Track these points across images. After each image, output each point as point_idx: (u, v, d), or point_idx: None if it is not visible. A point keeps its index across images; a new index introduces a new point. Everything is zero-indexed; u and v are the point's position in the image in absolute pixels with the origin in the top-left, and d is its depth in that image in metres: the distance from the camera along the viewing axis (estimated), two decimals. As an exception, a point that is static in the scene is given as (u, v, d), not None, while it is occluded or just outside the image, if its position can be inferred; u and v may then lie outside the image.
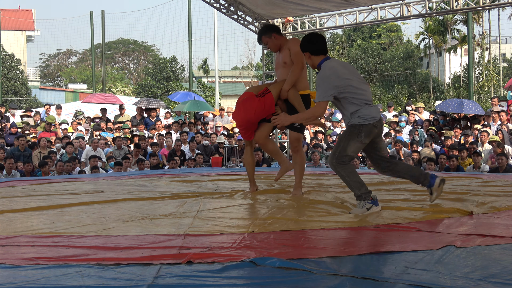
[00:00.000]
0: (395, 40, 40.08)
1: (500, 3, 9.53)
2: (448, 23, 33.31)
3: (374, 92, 32.95)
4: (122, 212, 4.01)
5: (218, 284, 2.13)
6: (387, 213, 3.68)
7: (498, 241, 2.76)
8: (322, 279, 2.16)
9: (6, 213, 4.02)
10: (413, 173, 3.93)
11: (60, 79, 49.43)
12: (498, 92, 27.17)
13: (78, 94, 33.85)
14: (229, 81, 43.19)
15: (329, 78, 3.66)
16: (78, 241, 2.97)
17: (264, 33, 4.90)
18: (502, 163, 8.21)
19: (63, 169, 9.19)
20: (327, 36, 40.21)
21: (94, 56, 21.81)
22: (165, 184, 6.09)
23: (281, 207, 4.10)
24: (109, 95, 18.06)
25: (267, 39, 4.86)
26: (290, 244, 2.83)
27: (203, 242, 2.85)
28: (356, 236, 3.01)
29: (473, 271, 2.22)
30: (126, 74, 48.43)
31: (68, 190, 5.66)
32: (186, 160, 10.70)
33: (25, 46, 41.07)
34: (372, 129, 3.69)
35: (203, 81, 31.04)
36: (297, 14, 10.69)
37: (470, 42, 14.27)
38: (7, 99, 27.41)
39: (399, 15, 9.52)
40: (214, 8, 10.11)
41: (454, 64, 34.80)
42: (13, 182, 6.98)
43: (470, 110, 10.84)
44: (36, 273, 2.28)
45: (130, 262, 2.42)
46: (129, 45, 47.98)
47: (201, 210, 4.01)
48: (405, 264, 2.35)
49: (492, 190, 4.87)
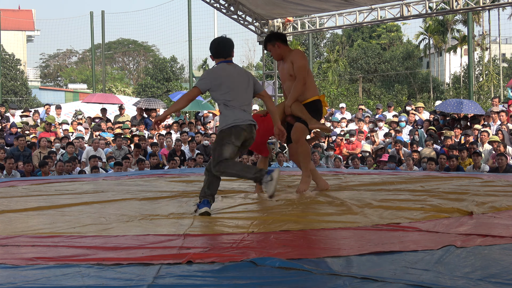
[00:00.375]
0: (395, 40, 40.09)
1: (500, 3, 9.54)
2: (448, 23, 33.31)
3: (374, 92, 32.99)
4: (122, 212, 4.01)
5: (218, 284, 2.13)
6: (387, 213, 3.68)
7: (498, 241, 2.75)
8: (322, 279, 2.16)
9: (6, 213, 4.02)
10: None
11: (60, 79, 49.44)
12: (498, 92, 27.17)
13: (78, 94, 33.87)
14: (229, 81, 43.12)
15: (209, 73, 3.95)
16: (78, 241, 2.97)
17: (269, 40, 4.94)
18: (502, 163, 8.21)
19: (63, 169, 9.19)
20: (327, 36, 40.26)
21: (94, 56, 21.82)
22: (165, 184, 6.09)
23: (281, 207, 4.10)
24: (109, 95, 18.06)
25: (271, 46, 4.90)
26: (290, 244, 2.83)
27: (203, 242, 2.85)
28: (356, 236, 3.01)
29: (473, 271, 2.22)
30: (126, 74, 48.43)
31: (68, 190, 5.66)
32: (186, 160, 10.70)
33: (25, 46, 41.10)
34: (241, 132, 3.84)
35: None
36: (297, 14, 10.69)
37: (470, 42, 14.27)
38: (7, 99, 27.42)
39: (399, 15, 9.53)
40: (214, 8, 10.11)
41: (454, 64, 34.79)
42: (13, 182, 6.98)
43: (469, 110, 10.84)
44: (36, 273, 2.28)
45: (130, 262, 2.42)
46: (129, 45, 47.99)
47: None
48: (405, 264, 2.35)
49: (492, 190, 4.86)
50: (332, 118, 13.08)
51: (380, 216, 3.57)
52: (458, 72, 33.28)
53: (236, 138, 3.83)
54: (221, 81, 3.88)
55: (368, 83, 35.32)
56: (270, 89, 11.38)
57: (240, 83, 3.94)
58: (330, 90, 29.09)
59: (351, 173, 7.31)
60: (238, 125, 3.83)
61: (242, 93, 3.93)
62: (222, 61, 3.99)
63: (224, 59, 3.99)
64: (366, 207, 3.92)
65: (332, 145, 10.91)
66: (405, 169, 9.19)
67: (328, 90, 28.94)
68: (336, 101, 26.44)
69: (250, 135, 3.93)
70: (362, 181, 5.92)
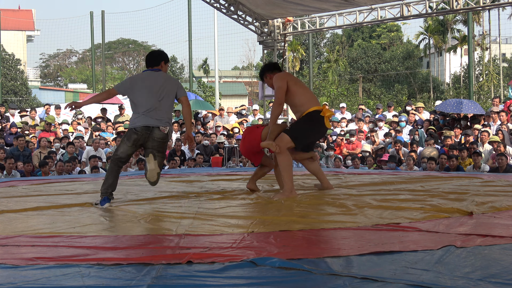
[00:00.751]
0: (395, 40, 40.10)
1: (500, 3, 9.54)
2: (448, 23, 33.31)
3: (374, 92, 33.00)
4: (122, 212, 4.02)
5: (218, 284, 2.13)
6: (387, 213, 3.68)
7: (498, 241, 2.75)
8: (322, 279, 2.16)
9: (6, 213, 4.02)
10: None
11: (60, 79, 49.43)
12: (498, 92, 27.17)
13: (78, 94, 33.84)
14: (229, 81, 43.21)
15: (128, 79, 4.68)
16: (78, 241, 2.97)
17: (261, 77, 5.15)
18: (502, 163, 8.21)
19: (63, 169, 9.19)
20: (327, 36, 40.27)
21: (94, 56, 21.81)
22: (165, 184, 6.10)
23: (281, 207, 4.10)
24: (109, 95, 18.00)
25: (265, 80, 5.10)
26: (290, 244, 2.83)
27: (203, 242, 2.85)
28: (356, 236, 3.01)
29: (473, 271, 2.22)
30: (126, 74, 48.40)
31: (68, 190, 5.66)
32: (186, 160, 10.70)
33: (25, 46, 41.07)
34: (132, 134, 4.45)
35: (203, 81, 31.04)
36: (297, 14, 10.69)
37: (470, 42, 14.27)
38: (7, 99, 27.41)
39: (399, 15, 9.52)
40: (214, 8, 10.11)
41: (454, 64, 34.80)
42: (13, 182, 6.98)
43: (469, 110, 10.83)
44: (36, 273, 2.28)
45: (130, 262, 2.42)
46: (129, 45, 47.98)
47: (201, 210, 4.01)
48: (405, 264, 2.35)
49: (492, 190, 4.86)
50: (332, 118, 13.08)
51: (380, 216, 3.57)
52: (458, 72, 33.29)
53: (128, 139, 4.48)
54: (133, 87, 4.49)
55: (368, 83, 35.33)
56: (270, 89, 11.33)
57: (151, 90, 4.44)
58: (330, 90, 29.10)
59: (351, 173, 7.31)
60: (132, 128, 4.45)
61: (149, 99, 4.42)
62: (146, 69, 4.65)
63: (150, 68, 4.62)
64: (366, 207, 3.92)
65: (332, 145, 10.91)
66: (405, 169, 9.19)
67: (328, 90, 28.96)
68: (336, 101, 26.45)
69: (144, 137, 4.43)
70: (362, 181, 5.92)
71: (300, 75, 33.17)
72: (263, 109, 11.97)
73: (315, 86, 29.66)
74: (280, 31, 10.84)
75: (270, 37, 10.81)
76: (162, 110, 4.45)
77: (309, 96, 4.85)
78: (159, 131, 4.43)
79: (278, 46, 10.99)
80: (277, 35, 10.82)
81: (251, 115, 14.56)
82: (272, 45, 10.93)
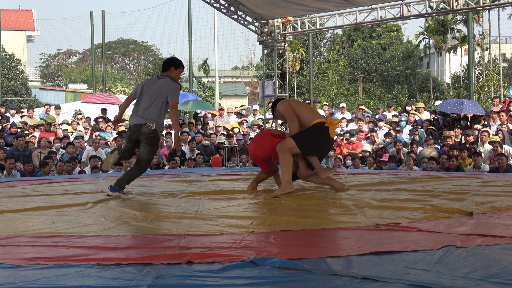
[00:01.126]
0: (395, 40, 40.10)
1: (500, 3, 9.55)
2: (448, 23, 33.31)
3: (374, 92, 32.99)
4: (122, 212, 4.02)
5: (218, 284, 2.13)
6: (387, 213, 3.68)
7: (498, 241, 2.75)
8: (322, 279, 2.16)
9: (6, 213, 4.02)
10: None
11: (60, 79, 49.42)
12: (498, 92, 27.16)
13: (78, 94, 33.85)
14: (229, 81, 43.22)
15: (139, 84, 5.32)
16: (78, 241, 2.97)
17: (272, 112, 5.41)
18: (502, 163, 8.21)
19: (63, 169, 9.19)
20: (327, 36, 40.26)
21: (94, 56, 21.81)
22: (165, 184, 6.09)
23: (281, 207, 4.10)
24: (109, 95, 18.02)
25: (275, 114, 5.26)
26: (290, 244, 2.83)
27: (203, 242, 2.85)
28: (356, 236, 3.01)
29: (473, 271, 2.22)
30: (126, 74, 48.42)
31: (68, 190, 5.66)
32: (186, 160, 10.70)
33: (25, 46, 41.05)
34: (127, 132, 5.27)
35: (203, 81, 31.04)
36: (297, 14, 10.69)
37: (470, 42, 14.27)
38: (7, 99, 27.40)
39: (399, 15, 9.53)
40: (214, 8, 10.12)
41: (454, 64, 34.79)
42: (13, 182, 6.98)
43: (469, 110, 10.83)
44: (36, 273, 2.28)
45: (130, 262, 2.42)
46: (129, 45, 47.98)
47: (201, 210, 4.01)
48: (405, 264, 2.35)
49: (492, 190, 4.86)
50: (332, 118, 13.07)
51: (380, 216, 3.57)
52: (458, 72, 33.29)
53: (125, 137, 5.43)
54: (139, 91, 5.16)
55: (368, 83, 35.33)
56: (270, 89, 11.36)
57: (147, 93, 5.06)
58: (330, 90, 29.10)
59: (351, 173, 7.31)
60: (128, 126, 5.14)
61: (144, 100, 5.06)
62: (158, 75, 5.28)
63: (161, 74, 5.24)
64: (366, 207, 3.92)
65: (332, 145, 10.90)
66: (405, 169, 9.19)
67: (328, 90, 28.96)
68: (336, 101, 26.46)
69: (136, 133, 5.07)
70: (362, 181, 5.93)
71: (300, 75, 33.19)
72: (263, 109, 11.97)
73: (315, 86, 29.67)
74: (280, 31, 10.85)
75: (270, 37, 10.82)
76: (151, 110, 5.03)
77: (312, 112, 5.13)
78: (146, 127, 5.03)
79: (278, 46, 11.00)
80: (277, 35, 10.83)
81: (251, 115, 14.56)
82: (272, 45, 10.94)
